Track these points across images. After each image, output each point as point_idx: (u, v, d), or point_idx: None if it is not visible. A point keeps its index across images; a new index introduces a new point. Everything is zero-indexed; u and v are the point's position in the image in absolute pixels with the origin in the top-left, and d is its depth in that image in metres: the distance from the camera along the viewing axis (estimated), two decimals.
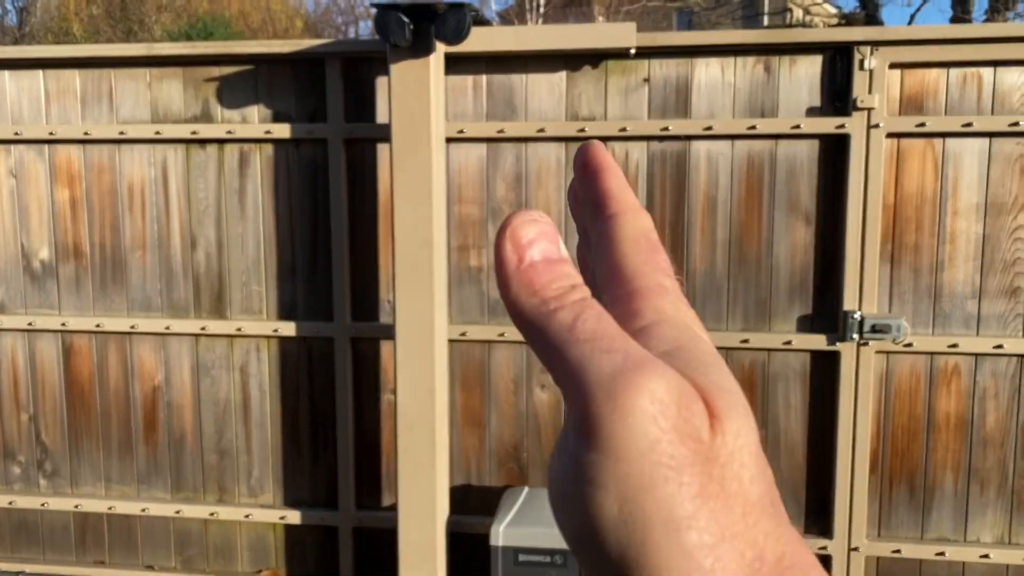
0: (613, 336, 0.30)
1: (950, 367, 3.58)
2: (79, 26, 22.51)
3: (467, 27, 3.27)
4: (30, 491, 4.20)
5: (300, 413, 3.98)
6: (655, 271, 0.34)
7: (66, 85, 3.92)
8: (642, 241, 0.35)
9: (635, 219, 0.35)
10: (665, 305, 0.33)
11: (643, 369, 0.28)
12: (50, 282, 4.04)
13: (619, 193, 0.36)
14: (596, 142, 0.38)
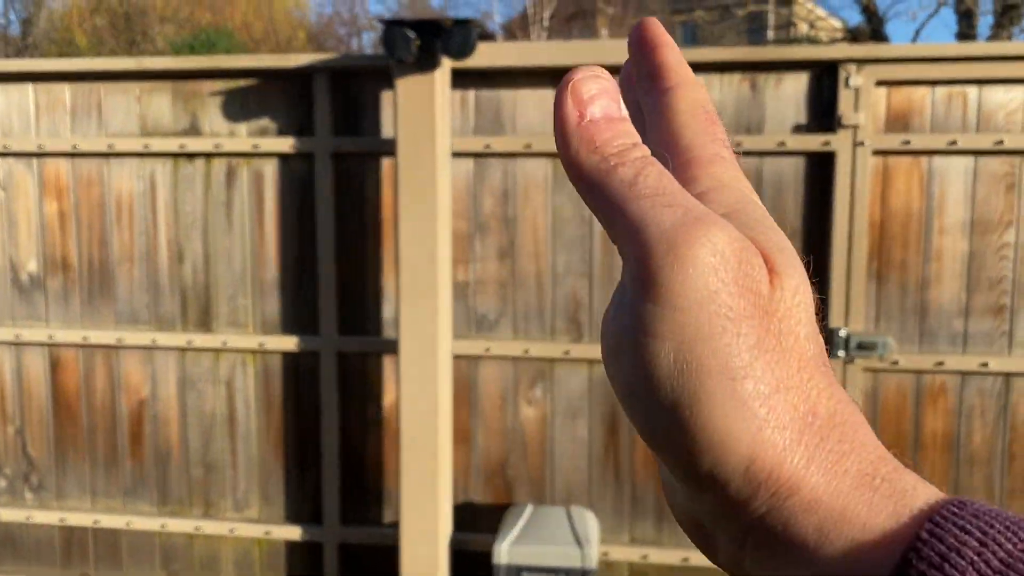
0: (674, 192, 0.30)
1: (937, 385, 3.57)
2: (82, 37, 22.60)
3: (473, 43, 3.30)
4: (15, 504, 4.18)
5: (286, 428, 3.97)
6: (713, 141, 0.34)
7: (55, 98, 3.94)
8: (699, 112, 0.35)
9: (693, 92, 0.35)
10: (723, 173, 0.33)
11: (704, 222, 0.28)
12: (38, 295, 4.04)
13: (677, 66, 0.36)
14: (652, 18, 0.37)
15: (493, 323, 3.78)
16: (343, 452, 3.93)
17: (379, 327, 3.84)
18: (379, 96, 3.73)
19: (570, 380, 3.75)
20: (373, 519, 3.95)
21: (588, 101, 0.32)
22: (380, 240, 3.79)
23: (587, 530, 3.45)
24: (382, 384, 3.87)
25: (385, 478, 3.93)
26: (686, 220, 0.29)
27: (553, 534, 3.43)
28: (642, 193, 0.30)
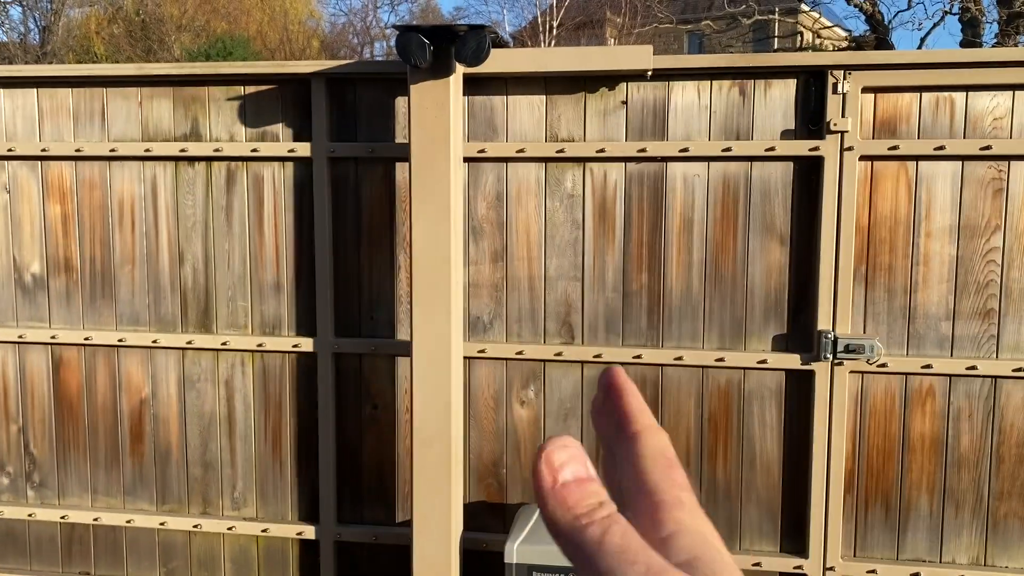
0: (636, 549, 0.34)
1: (924, 388, 3.60)
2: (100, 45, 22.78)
3: (486, 49, 3.33)
4: (18, 501, 4.26)
5: (283, 427, 4.03)
6: (673, 486, 0.38)
7: (59, 103, 4.02)
8: (660, 459, 0.39)
9: (654, 438, 0.40)
10: (684, 516, 0.37)
11: None
12: (41, 295, 4.12)
13: (639, 414, 0.41)
14: (617, 367, 0.43)
15: (487, 325, 3.83)
16: (339, 452, 3.98)
17: (374, 328, 3.90)
18: (376, 103, 3.80)
19: (562, 381, 3.80)
20: (370, 518, 4.01)
21: (559, 468, 0.37)
22: (375, 244, 3.85)
23: None
24: (379, 384, 3.93)
25: (382, 477, 3.99)
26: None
27: None
28: (608, 550, 0.34)
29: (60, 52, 23.36)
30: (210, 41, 21.38)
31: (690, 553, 0.35)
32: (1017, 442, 3.58)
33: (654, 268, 3.70)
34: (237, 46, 19.91)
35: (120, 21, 24.00)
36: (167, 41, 22.48)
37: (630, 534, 0.35)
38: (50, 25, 25.09)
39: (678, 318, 3.71)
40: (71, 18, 25.44)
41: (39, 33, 26.21)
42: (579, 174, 3.70)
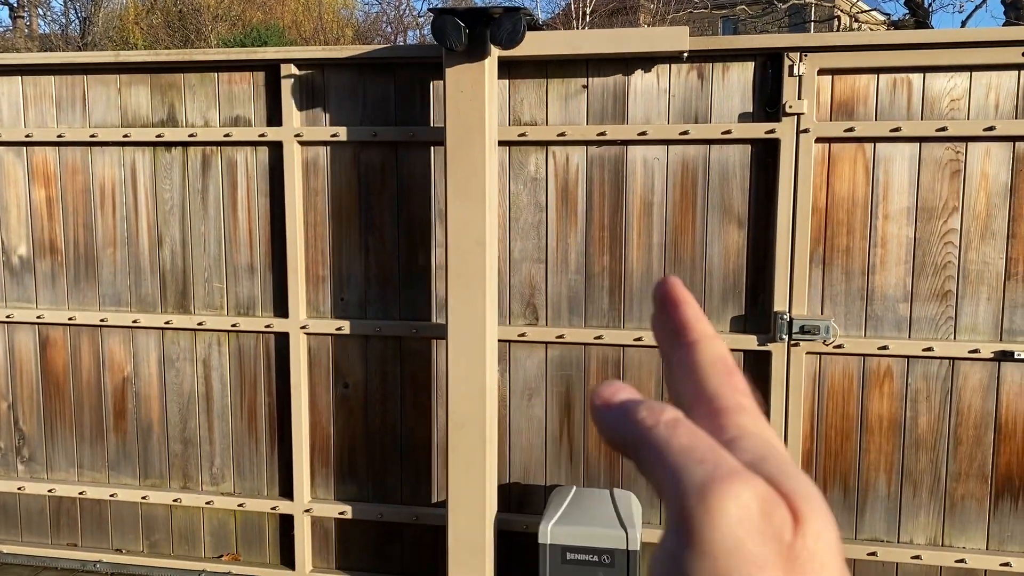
0: (705, 448, 0.33)
1: (882, 369, 3.62)
2: (139, 35, 23.06)
3: (522, 31, 3.32)
4: (8, 475, 4.42)
5: (258, 405, 4.15)
6: (734, 391, 0.38)
7: (43, 90, 4.15)
8: (719, 364, 0.39)
9: (712, 345, 0.40)
10: (746, 421, 0.36)
11: (731, 478, 0.32)
12: (28, 277, 4.27)
13: (696, 323, 0.40)
14: (673, 277, 0.42)
15: (420, 305, 3.90)
16: (311, 430, 4.09)
17: (347, 309, 3.99)
18: (344, 86, 3.87)
19: (526, 361, 3.87)
20: (339, 495, 4.12)
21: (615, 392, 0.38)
22: (347, 225, 3.94)
23: (631, 512, 3.47)
24: (349, 363, 4.03)
25: (354, 455, 4.09)
26: (716, 475, 0.32)
27: (597, 515, 3.46)
28: (676, 449, 0.33)
29: (100, 42, 23.70)
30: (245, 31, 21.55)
31: (754, 454, 0.34)
32: (974, 423, 3.59)
33: (615, 251, 3.75)
34: (272, 35, 20.03)
35: (158, 11, 24.26)
36: (204, 31, 22.67)
37: (698, 434, 0.34)
38: (90, 16, 25.49)
39: (639, 300, 3.75)
40: (110, 9, 25.83)
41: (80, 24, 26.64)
42: (541, 157, 3.76)
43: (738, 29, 28.62)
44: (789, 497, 0.32)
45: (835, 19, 25.17)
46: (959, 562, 3.63)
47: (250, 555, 4.26)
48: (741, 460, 0.33)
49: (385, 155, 3.88)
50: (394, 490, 4.07)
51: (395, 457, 4.05)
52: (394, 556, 4.12)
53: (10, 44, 26.14)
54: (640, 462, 0.35)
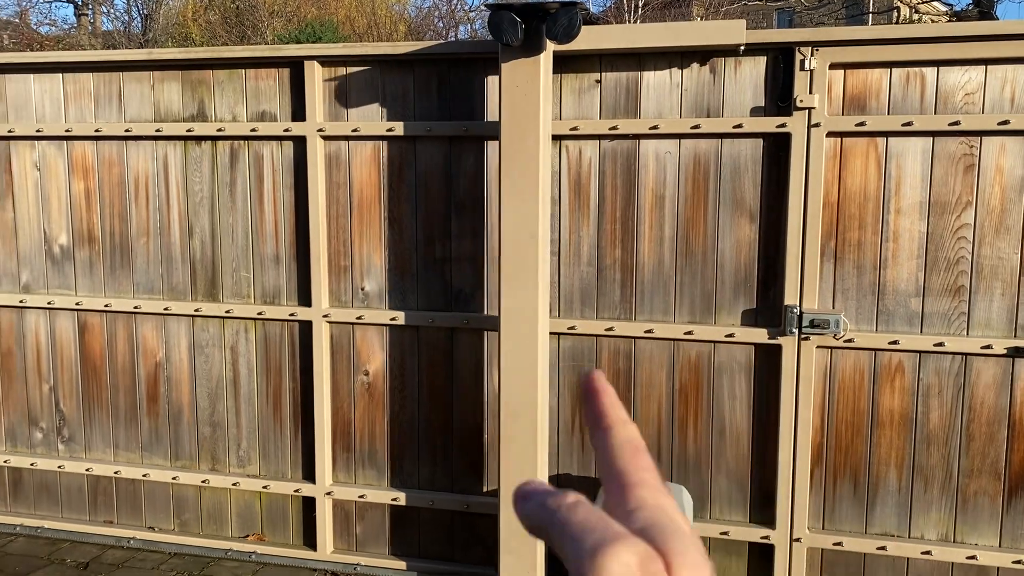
0: (596, 520, 0.40)
1: (893, 364, 3.62)
2: (197, 31, 23.58)
3: (578, 26, 3.31)
4: (50, 454, 4.64)
5: (283, 391, 4.29)
6: (638, 469, 0.44)
7: (82, 87, 4.34)
8: (627, 446, 0.46)
9: (623, 429, 0.46)
10: (645, 494, 0.43)
11: (615, 541, 0.38)
12: (68, 265, 4.47)
13: (610, 410, 0.47)
14: (596, 371, 0.50)
15: (469, 297, 4.00)
16: (333, 415, 4.22)
17: (366, 299, 4.11)
18: (363, 82, 3.98)
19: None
20: (360, 480, 4.24)
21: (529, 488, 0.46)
22: (363, 219, 4.05)
23: (681, 505, 3.52)
24: (369, 352, 4.15)
25: (374, 441, 4.21)
26: (603, 540, 0.38)
27: None
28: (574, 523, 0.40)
29: (160, 39, 24.31)
30: (300, 27, 21.88)
31: (646, 522, 0.41)
32: (987, 420, 3.57)
33: (627, 243, 3.80)
34: (326, 31, 20.33)
35: (216, 8, 24.78)
36: (260, 27, 23.05)
37: (593, 511, 0.41)
38: (151, 13, 26.20)
39: (650, 292, 3.80)
40: (170, 6, 26.50)
41: (141, 21, 27.39)
42: (555, 151, 3.82)
43: (793, 22, 28.20)
44: (664, 553, 0.39)
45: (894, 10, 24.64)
46: (970, 559, 3.61)
47: (274, 535, 4.41)
48: (634, 527, 0.40)
49: (403, 148, 3.98)
50: (410, 475, 4.18)
51: (414, 444, 4.16)
52: (412, 540, 4.23)
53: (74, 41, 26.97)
54: (551, 541, 0.42)
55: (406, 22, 27.76)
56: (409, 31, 26.80)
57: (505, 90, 3.51)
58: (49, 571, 4.24)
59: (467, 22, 29.34)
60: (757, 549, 3.83)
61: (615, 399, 0.48)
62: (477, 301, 3.99)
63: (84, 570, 4.24)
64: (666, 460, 3.87)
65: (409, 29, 27.05)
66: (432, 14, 29.80)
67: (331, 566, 4.27)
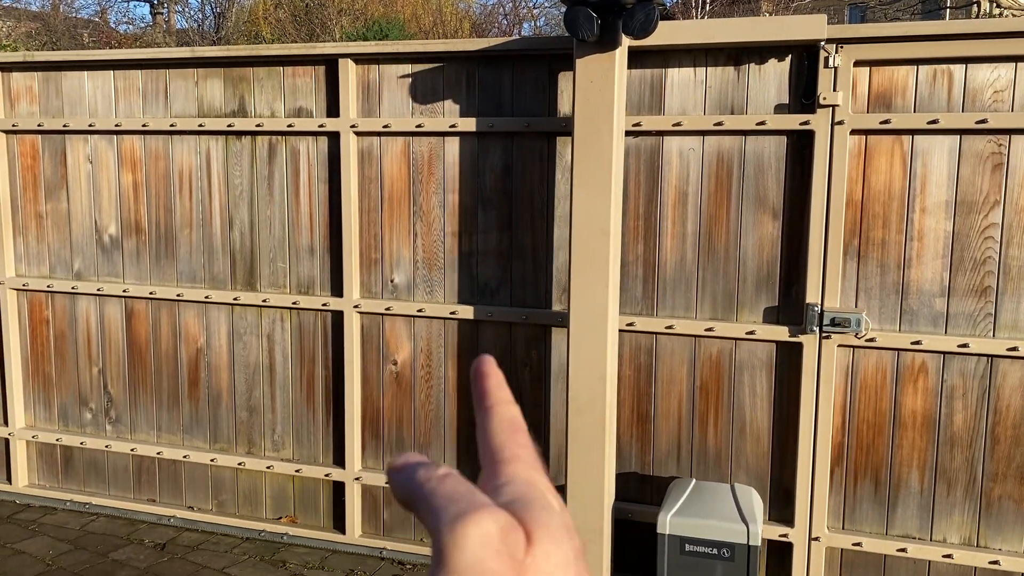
0: (462, 492, 0.40)
1: (917, 364, 3.58)
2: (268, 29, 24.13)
3: (655, 21, 3.29)
4: (98, 434, 4.87)
5: (316, 378, 4.43)
6: (515, 445, 0.45)
7: (131, 83, 4.54)
8: (506, 424, 0.46)
9: (504, 409, 0.47)
10: (516, 468, 0.44)
11: (477, 511, 0.38)
12: (116, 254, 4.68)
13: (495, 391, 0.48)
14: (485, 356, 0.50)
15: (494, 291, 4.08)
16: (363, 403, 4.34)
17: (395, 291, 4.22)
18: (388, 79, 4.09)
19: (561, 345, 3.99)
20: None
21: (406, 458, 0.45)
22: (392, 213, 4.16)
23: (752, 508, 3.46)
24: (396, 342, 4.26)
25: (401, 428, 4.32)
26: (465, 510, 0.39)
27: (717, 509, 3.47)
28: (439, 495, 0.40)
29: (232, 37, 24.94)
30: (367, 24, 22.18)
31: (514, 495, 0.41)
32: (1013, 423, 3.51)
33: (649, 240, 3.83)
34: (392, 29, 20.59)
35: (285, 6, 25.30)
36: (328, 25, 23.43)
37: (460, 483, 0.41)
38: (224, 11, 26.94)
39: (672, 288, 3.83)
40: (243, 5, 27.20)
41: (214, 19, 28.19)
42: None
43: (866, 17, 27.63)
44: (526, 524, 0.39)
45: (974, 4, 23.97)
46: (993, 563, 3.56)
47: (306, 518, 4.56)
48: (500, 500, 0.41)
49: (433, 143, 4.08)
50: (436, 461, 4.27)
51: (440, 433, 4.26)
52: None
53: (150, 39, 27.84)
54: (418, 512, 0.42)
55: (471, 19, 27.93)
56: (474, 28, 26.96)
57: (579, 85, 3.50)
58: (128, 550, 4.41)
59: (531, 19, 29.42)
60: (776, 547, 3.83)
61: (502, 381, 0.49)
62: (502, 295, 4.06)
63: (161, 550, 4.41)
64: (686, 456, 3.90)
65: (474, 26, 27.21)
66: (496, 11, 29.92)
67: (358, 549, 4.39)
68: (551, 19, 28.98)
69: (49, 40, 26.86)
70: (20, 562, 4.25)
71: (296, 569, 4.22)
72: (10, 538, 4.51)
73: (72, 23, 29.76)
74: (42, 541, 4.49)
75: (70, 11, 31.63)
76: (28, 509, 4.86)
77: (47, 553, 4.36)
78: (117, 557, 4.33)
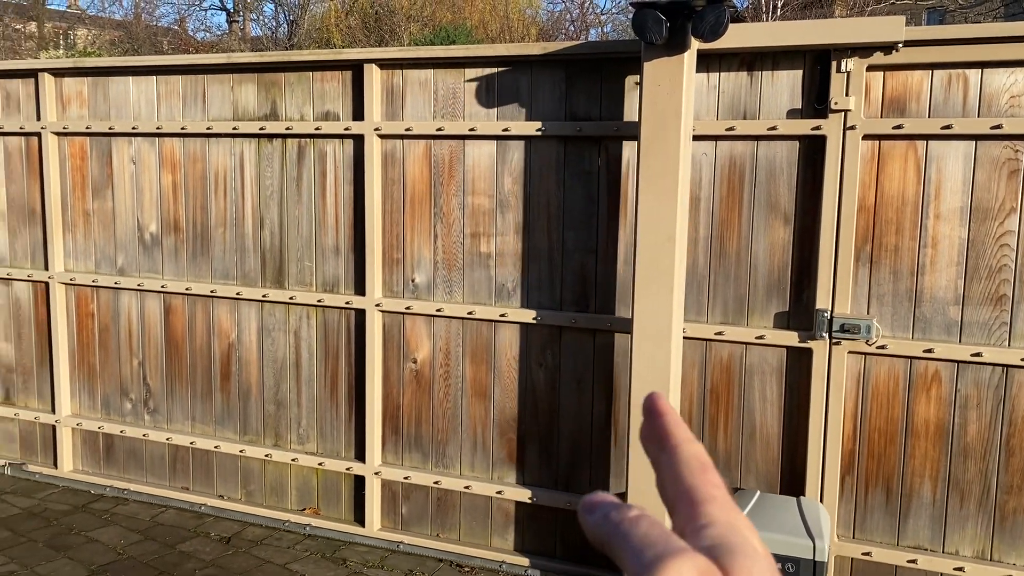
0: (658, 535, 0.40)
1: (930, 373, 3.53)
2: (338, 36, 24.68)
3: (725, 23, 3.27)
4: (137, 423, 5.09)
5: (339, 374, 4.56)
6: (707, 485, 0.44)
7: (172, 88, 4.75)
8: (695, 464, 0.45)
9: (688, 448, 0.46)
10: (714, 510, 0.42)
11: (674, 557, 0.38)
12: (156, 251, 4.90)
13: (675, 429, 0.47)
14: (657, 392, 0.49)
15: (510, 292, 4.15)
16: (384, 399, 4.46)
17: (415, 290, 4.32)
18: (411, 83, 4.20)
19: (575, 346, 4.04)
20: (406, 463, 4.46)
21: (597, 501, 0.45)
22: (414, 214, 4.27)
23: (819, 522, 3.40)
24: (416, 341, 4.36)
25: (420, 425, 4.42)
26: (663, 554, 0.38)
27: (782, 522, 3.42)
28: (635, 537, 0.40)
29: (304, 44, 25.57)
30: (435, 30, 22.47)
31: (715, 540, 0.40)
32: None
33: None
34: (459, 35, 20.82)
35: (356, 13, 25.83)
36: (397, 31, 23.81)
37: (654, 525, 0.41)
38: (297, 19, 27.70)
39: (684, 292, 3.84)
40: (315, 13, 27.93)
41: (288, 27, 29.00)
42: (594, 152, 3.92)
43: (944, 21, 26.96)
44: (727, 570, 0.39)
45: None
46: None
47: (328, 510, 4.69)
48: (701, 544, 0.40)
49: (453, 147, 4.17)
50: (453, 458, 4.37)
51: (455, 431, 4.34)
52: (454, 523, 4.42)
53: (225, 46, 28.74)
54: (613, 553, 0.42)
55: (538, 25, 28.06)
56: (540, 34, 27.08)
57: (646, 89, 3.49)
58: (195, 542, 4.57)
59: (598, 25, 29.46)
60: None
61: (678, 419, 0.48)
62: (519, 297, 4.13)
63: (227, 544, 4.54)
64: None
65: (540, 32, 27.33)
66: (563, 17, 30.01)
67: (377, 542, 4.50)
68: (618, 25, 28.97)
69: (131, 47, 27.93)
70: (93, 550, 4.45)
71: (356, 567, 4.30)
72: (85, 526, 4.73)
73: (153, 31, 30.93)
74: (114, 531, 4.69)
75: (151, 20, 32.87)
76: (102, 499, 5.07)
77: (118, 542, 4.54)
78: (184, 549, 4.49)
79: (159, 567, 4.27)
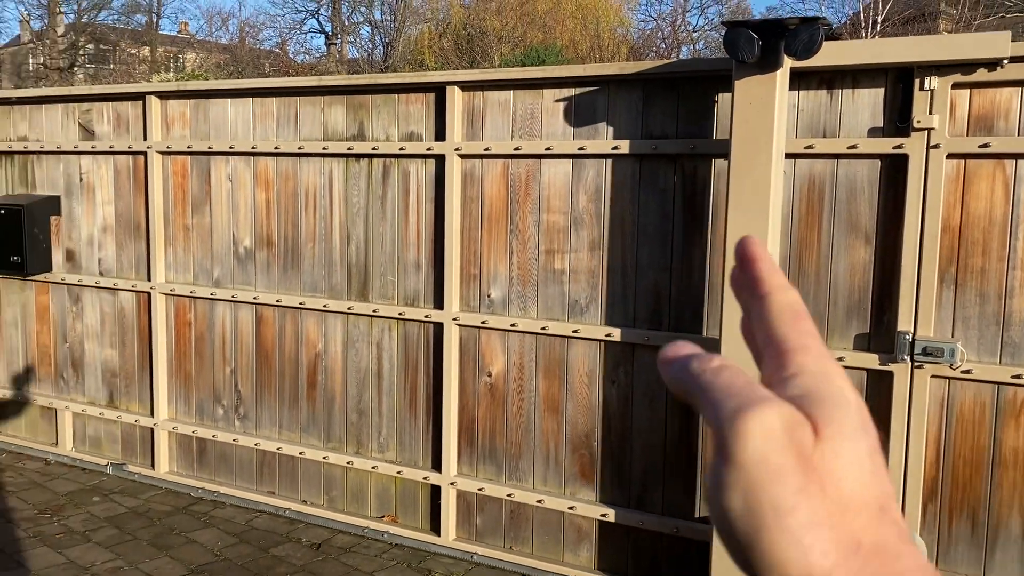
0: (740, 384, 0.39)
1: (1020, 400, 3.40)
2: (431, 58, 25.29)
3: (819, 41, 3.26)
4: (228, 428, 5.33)
5: (418, 386, 4.68)
6: (800, 334, 0.42)
7: (267, 110, 4.99)
8: (787, 312, 0.43)
9: (782, 295, 0.44)
10: (806, 359, 0.41)
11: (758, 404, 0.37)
12: (250, 264, 5.14)
13: (769, 276, 0.45)
14: (751, 236, 0.47)
15: (584, 308, 4.19)
16: (460, 411, 4.55)
17: (491, 305, 4.41)
18: (491, 104, 4.30)
19: (648, 364, 4.05)
20: (482, 474, 4.54)
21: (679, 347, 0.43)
22: (491, 231, 4.36)
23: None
24: (491, 355, 4.44)
25: (494, 438, 4.49)
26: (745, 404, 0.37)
27: None
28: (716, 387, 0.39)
29: (399, 65, 26.28)
30: (526, 51, 22.72)
31: (804, 389, 0.39)
32: None
33: None
34: (550, 55, 20.98)
35: (448, 35, 26.43)
36: (489, 52, 24.22)
37: (738, 375, 0.39)
38: (392, 41, 28.55)
39: None
40: (409, 36, 28.71)
41: (383, 49, 29.91)
42: (670, 170, 3.94)
43: None
44: (814, 419, 0.37)
45: None
46: None
47: (406, 518, 4.81)
48: (789, 393, 0.39)
49: (530, 166, 4.25)
50: (526, 472, 4.42)
51: (528, 445, 4.40)
52: (526, 537, 4.46)
53: (324, 68, 29.80)
54: (695, 404, 0.41)
55: (628, 44, 28.05)
56: (631, 52, 27.03)
57: (738, 107, 3.51)
58: (287, 548, 4.75)
59: (689, 42, 29.27)
60: None
61: (774, 264, 0.46)
62: (592, 314, 4.16)
63: (317, 550, 4.71)
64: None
65: (631, 50, 27.29)
66: (654, 36, 29.92)
67: (453, 552, 4.58)
68: (711, 42, 28.70)
69: (235, 70, 29.24)
70: (192, 551, 4.67)
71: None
72: (185, 528, 4.98)
73: (256, 54, 32.33)
74: (212, 533, 4.92)
75: (255, 43, 34.35)
76: (200, 502, 5.33)
77: (216, 544, 4.76)
78: (277, 553, 4.67)
79: (253, 570, 4.46)
